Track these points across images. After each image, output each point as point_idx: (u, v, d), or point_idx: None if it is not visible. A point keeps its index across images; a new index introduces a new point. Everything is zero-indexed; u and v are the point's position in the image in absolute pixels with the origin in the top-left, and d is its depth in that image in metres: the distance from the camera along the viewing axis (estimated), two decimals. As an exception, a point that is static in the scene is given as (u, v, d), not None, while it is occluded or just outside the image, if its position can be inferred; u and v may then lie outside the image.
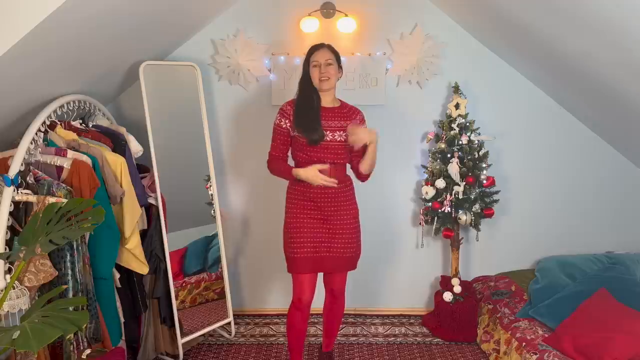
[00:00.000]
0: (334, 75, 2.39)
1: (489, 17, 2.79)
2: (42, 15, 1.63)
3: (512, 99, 3.20)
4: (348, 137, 2.36)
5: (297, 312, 2.48)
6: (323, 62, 2.36)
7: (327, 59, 2.37)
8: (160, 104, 2.76)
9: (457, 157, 2.96)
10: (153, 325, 2.79)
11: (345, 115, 2.45)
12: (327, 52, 2.40)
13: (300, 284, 2.44)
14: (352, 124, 2.39)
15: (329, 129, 2.38)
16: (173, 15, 2.60)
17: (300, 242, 2.40)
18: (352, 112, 2.49)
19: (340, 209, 2.44)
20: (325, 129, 2.37)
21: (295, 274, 2.44)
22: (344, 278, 2.58)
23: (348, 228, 2.45)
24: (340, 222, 2.43)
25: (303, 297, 2.44)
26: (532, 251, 3.34)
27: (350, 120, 2.44)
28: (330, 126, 2.39)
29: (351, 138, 2.34)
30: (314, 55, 2.39)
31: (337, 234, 2.43)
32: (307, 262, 2.40)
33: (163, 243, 2.69)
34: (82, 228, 1.72)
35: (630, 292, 2.63)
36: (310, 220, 2.41)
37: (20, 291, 1.82)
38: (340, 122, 2.42)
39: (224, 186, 3.30)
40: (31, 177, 2.02)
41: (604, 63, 2.33)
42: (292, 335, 2.54)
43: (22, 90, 2.07)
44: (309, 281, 2.44)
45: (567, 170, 3.28)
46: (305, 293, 2.44)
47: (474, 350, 2.95)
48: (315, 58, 2.38)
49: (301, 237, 2.40)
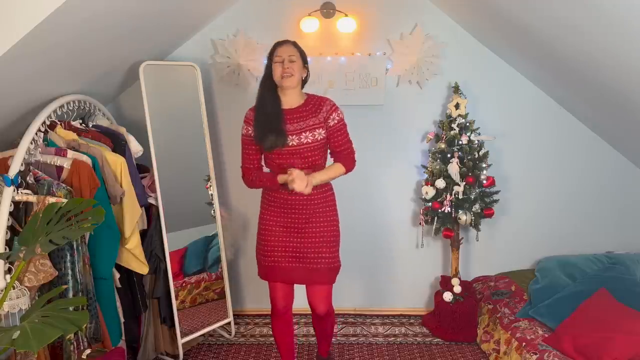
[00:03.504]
0: (298, 72, 2.22)
1: (489, 17, 2.78)
2: (42, 16, 1.63)
3: (512, 99, 3.20)
4: (288, 175, 2.16)
5: (273, 318, 2.44)
6: (286, 58, 2.20)
7: (291, 55, 2.21)
8: (160, 104, 2.76)
9: (457, 157, 2.96)
10: (153, 325, 2.80)
11: (309, 113, 2.26)
12: (290, 47, 2.24)
13: (272, 291, 2.37)
14: (294, 170, 2.16)
15: (294, 133, 2.21)
16: (173, 15, 2.60)
17: (269, 250, 2.31)
18: (317, 107, 2.27)
19: (315, 217, 2.28)
20: (291, 132, 2.20)
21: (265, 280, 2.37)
22: (324, 294, 2.35)
23: (323, 237, 2.28)
24: (315, 230, 2.27)
25: (277, 304, 2.38)
26: (532, 251, 3.34)
27: (315, 116, 2.25)
28: (295, 129, 2.22)
29: (288, 178, 2.15)
30: (277, 51, 2.23)
31: (310, 243, 2.27)
32: (275, 270, 2.31)
33: (163, 243, 2.69)
34: (82, 228, 1.72)
35: (630, 292, 2.63)
36: (281, 228, 2.30)
37: (20, 291, 1.82)
38: (306, 121, 2.24)
39: (224, 186, 3.30)
40: (31, 177, 2.02)
41: (604, 63, 2.33)
42: (276, 338, 2.50)
43: (22, 90, 2.07)
44: (281, 289, 2.35)
45: (567, 170, 3.28)
46: (277, 300, 2.37)
47: (474, 350, 2.95)
48: (278, 53, 2.22)
49: (271, 244, 2.31)
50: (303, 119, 2.25)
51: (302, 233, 2.29)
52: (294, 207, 2.28)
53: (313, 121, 2.24)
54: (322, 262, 2.29)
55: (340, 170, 2.33)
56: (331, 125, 2.27)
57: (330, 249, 2.31)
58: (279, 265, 2.31)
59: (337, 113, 2.29)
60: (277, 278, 2.33)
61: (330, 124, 2.27)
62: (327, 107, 2.28)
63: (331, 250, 2.31)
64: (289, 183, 2.17)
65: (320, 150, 2.28)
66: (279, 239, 2.31)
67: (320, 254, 2.28)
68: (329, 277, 2.33)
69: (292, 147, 2.22)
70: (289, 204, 2.29)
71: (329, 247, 2.30)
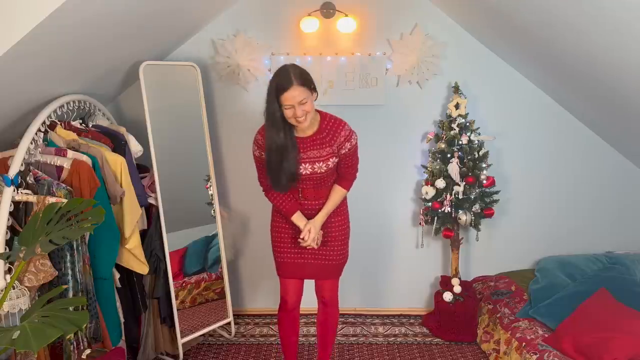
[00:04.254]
0: (312, 109, 2.08)
1: (489, 17, 2.78)
2: (42, 16, 1.63)
3: (512, 98, 3.20)
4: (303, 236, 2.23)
5: (282, 312, 2.47)
6: (296, 104, 2.01)
7: (301, 99, 2.01)
8: (160, 104, 2.76)
9: (457, 157, 2.96)
10: (153, 325, 2.80)
11: (324, 143, 2.18)
12: (298, 90, 2.00)
13: (284, 285, 2.43)
14: (311, 229, 2.23)
15: (307, 161, 2.17)
16: (173, 15, 2.59)
17: (283, 246, 2.37)
18: (333, 134, 2.18)
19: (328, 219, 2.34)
20: (304, 161, 2.16)
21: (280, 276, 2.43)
22: (334, 286, 2.47)
23: (334, 236, 2.36)
24: (326, 229, 2.34)
25: (287, 298, 2.42)
26: (532, 251, 3.34)
27: (330, 146, 2.18)
28: (309, 157, 2.17)
29: (303, 231, 2.23)
30: (284, 97, 2.00)
31: (324, 241, 2.34)
32: (288, 266, 2.37)
33: (163, 243, 2.69)
34: (82, 228, 1.72)
35: (630, 292, 2.63)
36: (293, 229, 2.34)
37: (20, 291, 1.82)
38: (320, 151, 2.18)
39: (224, 186, 3.30)
40: (31, 177, 2.02)
41: (604, 63, 2.33)
42: (281, 334, 2.53)
43: (22, 90, 2.07)
44: (292, 284, 2.41)
45: (567, 170, 3.28)
46: (289, 294, 2.42)
47: (474, 350, 2.95)
48: (287, 99, 2.00)
49: (283, 243, 2.37)
50: (317, 147, 2.18)
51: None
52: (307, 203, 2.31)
53: (327, 151, 2.19)
54: (333, 258, 2.36)
55: (342, 194, 2.35)
56: (343, 153, 2.25)
57: (341, 245, 2.38)
58: (294, 262, 2.36)
59: (351, 141, 2.21)
60: (290, 274, 2.39)
61: (342, 152, 2.24)
62: (341, 139, 2.19)
63: (341, 246, 2.38)
64: (301, 232, 2.24)
65: (332, 173, 2.28)
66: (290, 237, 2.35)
67: (332, 249, 2.35)
68: (337, 272, 2.42)
69: (305, 175, 2.22)
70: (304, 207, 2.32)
71: (339, 244, 2.37)
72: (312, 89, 2.08)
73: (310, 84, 2.07)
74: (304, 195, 2.30)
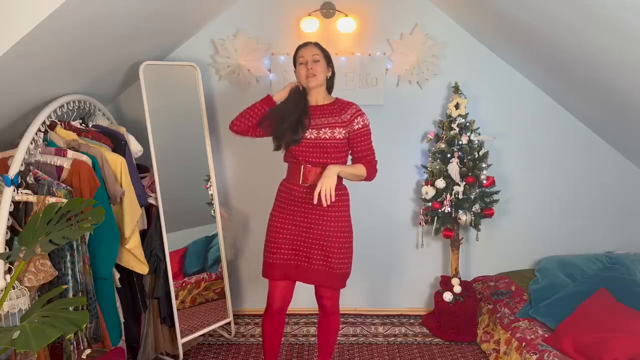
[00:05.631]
0: (322, 72, 2.28)
1: (489, 17, 2.79)
2: (42, 16, 1.63)
3: (512, 98, 3.20)
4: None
5: (267, 316, 2.39)
6: (310, 59, 2.27)
7: (314, 55, 2.27)
8: (160, 104, 2.76)
9: (457, 157, 2.96)
10: (153, 325, 2.80)
11: (333, 112, 2.30)
12: (313, 48, 2.30)
13: (271, 289, 2.35)
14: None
15: (314, 127, 2.26)
16: (173, 15, 2.60)
17: (275, 247, 2.29)
18: (342, 108, 2.31)
19: (327, 218, 2.26)
20: (311, 127, 2.26)
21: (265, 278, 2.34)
22: (334, 294, 2.38)
23: (332, 240, 2.25)
24: (325, 231, 2.25)
25: (273, 303, 2.34)
26: (532, 251, 3.34)
27: (339, 115, 2.28)
28: (316, 124, 2.27)
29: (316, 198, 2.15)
30: (300, 52, 2.30)
31: (316, 242, 2.25)
32: (277, 268, 2.29)
33: (163, 243, 2.69)
34: (82, 228, 1.72)
35: (630, 292, 2.63)
36: (289, 225, 2.29)
37: (20, 291, 1.82)
38: (328, 118, 2.28)
39: (224, 186, 3.30)
40: (31, 177, 2.02)
41: (604, 63, 2.33)
42: (264, 336, 2.43)
43: (22, 90, 2.07)
44: (280, 288, 2.32)
45: (567, 170, 3.28)
46: (274, 299, 2.34)
47: (474, 350, 2.95)
48: (302, 54, 2.29)
49: (277, 242, 2.29)
50: (325, 115, 2.29)
51: (309, 230, 2.27)
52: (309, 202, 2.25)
53: (335, 120, 2.28)
54: (328, 264, 2.26)
55: (362, 171, 2.30)
56: (355, 129, 2.28)
57: (339, 254, 2.27)
58: (284, 264, 2.29)
59: (362, 118, 2.30)
60: (279, 276, 2.30)
61: (354, 127, 2.28)
62: (352, 110, 2.30)
63: (339, 256, 2.27)
64: (318, 185, 2.14)
65: (337, 149, 2.27)
66: (286, 235, 2.29)
67: (327, 255, 2.25)
68: (337, 282, 2.30)
69: (310, 140, 2.25)
70: (304, 199, 2.27)
71: (337, 250, 2.26)
72: (327, 58, 2.33)
73: (327, 54, 2.34)
74: (305, 176, 2.26)
